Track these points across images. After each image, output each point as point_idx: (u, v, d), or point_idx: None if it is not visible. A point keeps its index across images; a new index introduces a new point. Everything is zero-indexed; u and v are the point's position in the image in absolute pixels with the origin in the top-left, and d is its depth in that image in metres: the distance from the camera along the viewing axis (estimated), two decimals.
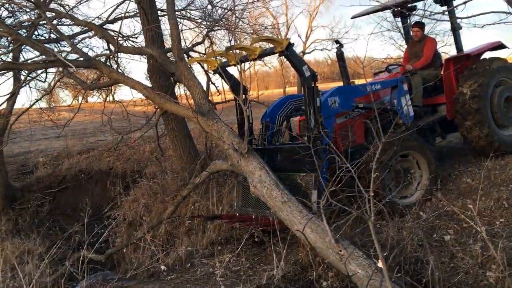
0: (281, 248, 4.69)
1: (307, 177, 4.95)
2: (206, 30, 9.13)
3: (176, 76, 6.20)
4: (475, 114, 6.27)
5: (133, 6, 8.99)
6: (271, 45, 4.94)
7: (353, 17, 8.18)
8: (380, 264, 2.99)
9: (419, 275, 3.92)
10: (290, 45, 4.77)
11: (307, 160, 4.67)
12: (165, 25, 9.32)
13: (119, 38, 8.44)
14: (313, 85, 4.91)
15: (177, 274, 5.13)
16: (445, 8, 6.70)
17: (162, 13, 9.01)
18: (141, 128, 8.05)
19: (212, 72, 5.76)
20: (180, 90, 7.55)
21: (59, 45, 8.90)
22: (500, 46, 6.96)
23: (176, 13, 9.33)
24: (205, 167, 7.37)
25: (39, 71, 7.71)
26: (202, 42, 8.31)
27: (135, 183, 9.05)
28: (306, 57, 39.29)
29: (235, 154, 4.92)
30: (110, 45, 7.44)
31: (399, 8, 7.18)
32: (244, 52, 5.28)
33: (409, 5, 7.30)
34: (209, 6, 9.45)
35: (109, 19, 9.09)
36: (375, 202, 3.80)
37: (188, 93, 5.84)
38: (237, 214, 5.56)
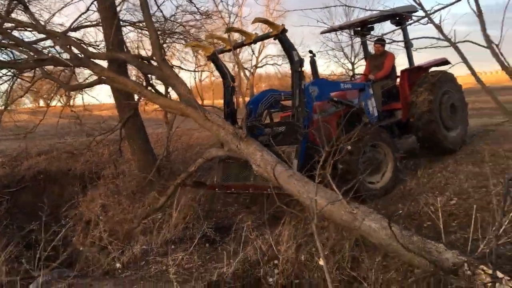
0: (231, 247, 4.70)
1: (289, 148, 5.12)
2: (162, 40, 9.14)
3: (157, 76, 6.18)
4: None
5: (95, 16, 8.83)
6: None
7: (322, 33, 8.63)
8: (321, 262, 3.04)
9: (355, 272, 4.02)
10: (285, 30, 5.06)
11: (290, 134, 4.93)
12: (127, 35, 9.25)
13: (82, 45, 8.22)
14: (300, 69, 5.17)
15: (131, 272, 5.03)
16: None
17: (123, 23, 8.91)
18: (110, 131, 7.96)
19: (206, 58, 5.89)
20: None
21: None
22: (445, 62, 7.47)
23: (136, 24, 9.28)
24: (163, 170, 7.31)
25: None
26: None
27: (92, 184, 8.81)
28: (258, 71, 39.66)
29: (234, 139, 4.90)
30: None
31: (359, 28, 7.87)
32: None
33: (368, 26, 7.93)
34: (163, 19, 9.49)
35: (72, 27, 8.86)
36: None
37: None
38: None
